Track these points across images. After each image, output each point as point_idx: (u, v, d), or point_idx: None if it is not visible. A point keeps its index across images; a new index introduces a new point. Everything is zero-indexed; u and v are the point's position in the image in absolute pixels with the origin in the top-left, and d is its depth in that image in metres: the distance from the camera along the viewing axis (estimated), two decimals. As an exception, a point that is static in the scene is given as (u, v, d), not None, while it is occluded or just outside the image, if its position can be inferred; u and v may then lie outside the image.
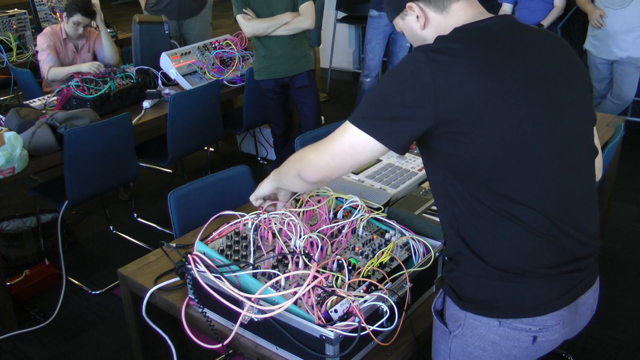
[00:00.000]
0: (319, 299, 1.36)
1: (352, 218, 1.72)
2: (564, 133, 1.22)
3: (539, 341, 1.25)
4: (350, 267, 1.51)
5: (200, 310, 1.51)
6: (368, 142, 1.20)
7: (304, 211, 1.76)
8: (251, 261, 1.53)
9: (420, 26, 1.30)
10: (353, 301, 1.34)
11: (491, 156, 1.15)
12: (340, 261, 1.51)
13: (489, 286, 1.23)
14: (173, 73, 3.57)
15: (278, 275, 1.42)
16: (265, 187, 1.59)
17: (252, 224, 1.69)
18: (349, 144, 1.23)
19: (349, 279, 1.44)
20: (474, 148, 1.15)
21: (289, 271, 1.47)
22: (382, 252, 1.55)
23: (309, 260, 1.48)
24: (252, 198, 1.65)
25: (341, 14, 5.89)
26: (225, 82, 3.67)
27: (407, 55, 1.21)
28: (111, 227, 3.59)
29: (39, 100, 3.23)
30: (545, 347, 1.28)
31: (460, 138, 1.15)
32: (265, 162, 4.44)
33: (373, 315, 1.36)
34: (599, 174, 1.49)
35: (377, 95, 1.21)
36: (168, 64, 3.57)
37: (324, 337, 1.27)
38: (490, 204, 1.19)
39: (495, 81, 1.14)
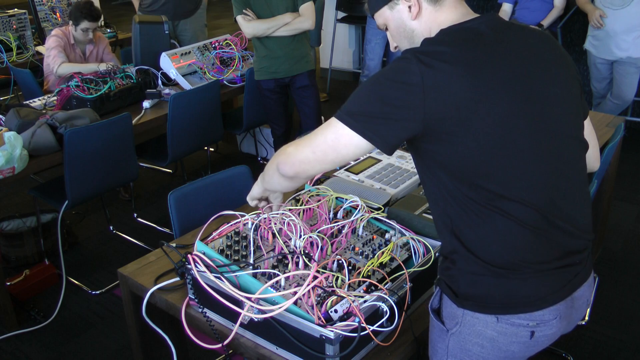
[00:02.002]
0: (319, 299, 1.36)
1: (352, 218, 1.72)
2: (549, 127, 1.23)
3: (537, 336, 1.26)
4: (350, 267, 1.51)
5: (200, 310, 1.51)
6: (352, 138, 1.20)
7: (304, 211, 1.76)
8: (251, 261, 1.53)
9: (412, 16, 1.29)
10: (353, 301, 1.34)
11: (479, 153, 1.17)
12: (340, 261, 1.51)
13: (485, 283, 1.24)
14: (173, 73, 3.57)
15: (278, 275, 1.42)
16: (254, 189, 1.60)
17: (252, 224, 1.69)
18: (333, 138, 1.22)
19: (349, 279, 1.44)
20: (462, 146, 1.17)
21: (289, 271, 1.47)
22: (382, 252, 1.55)
23: (309, 260, 1.48)
24: (248, 198, 1.66)
25: (341, 14, 5.89)
26: (225, 82, 3.67)
27: (398, 57, 1.21)
28: (111, 227, 3.59)
29: (39, 100, 3.23)
30: (543, 341, 1.28)
31: (448, 137, 1.17)
32: (265, 162, 4.42)
33: (373, 315, 1.36)
34: (596, 164, 1.50)
35: (365, 92, 1.21)
36: (168, 64, 3.57)
37: (324, 337, 1.27)
38: (481, 200, 1.20)
39: (480, 80, 1.16)
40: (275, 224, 1.64)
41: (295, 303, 1.33)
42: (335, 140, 1.22)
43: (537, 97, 1.22)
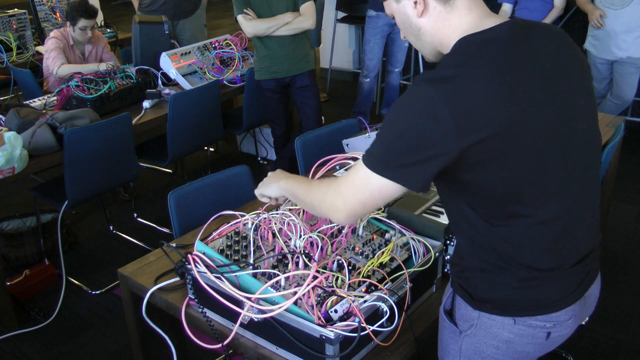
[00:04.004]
0: (319, 299, 1.36)
1: (352, 218, 1.71)
2: (578, 142, 1.22)
3: (552, 337, 1.27)
4: (350, 267, 1.51)
5: (200, 310, 1.51)
6: (396, 187, 1.16)
7: (304, 211, 1.76)
8: (251, 261, 1.53)
9: (418, 13, 1.21)
10: (353, 301, 1.34)
11: (512, 181, 1.14)
12: (340, 261, 1.51)
13: (505, 288, 1.24)
14: (173, 73, 3.57)
15: (278, 275, 1.42)
16: (272, 191, 1.60)
17: (252, 224, 1.69)
18: (378, 191, 1.19)
19: (349, 279, 1.44)
20: (495, 175, 1.13)
21: (289, 271, 1.47)
22: (382, 252, 1.55)
23: (309, 260, 1.49)
24: (257, 193, 1.66)
25: (341, 14, 5.89)
26: (225, 82, 3.67)
27: (415, 90, 1.12)
28: (111, 227, 3.59)
29: (39, 100, 3.23)
30: (557, 341, 1.30)
31: (482, 166, 1.12)
32: (265, 162, 4.44)
33: (373, 315, 1.36)
34: None
35: (394, 138, 1.15)
36: (168, 64, 3.57)
37: (324, 337, 1.27)
38: (507, 223, 1.19)
39: (513, 105, 1.10)
40: (275, 224, 1.64)
41: (295, 303, 1.33)
42: (381, 193, 1.19)
43: (567, 113, 1.18)
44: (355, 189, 1.23)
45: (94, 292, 3.01)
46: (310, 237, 1.57)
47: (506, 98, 1.09)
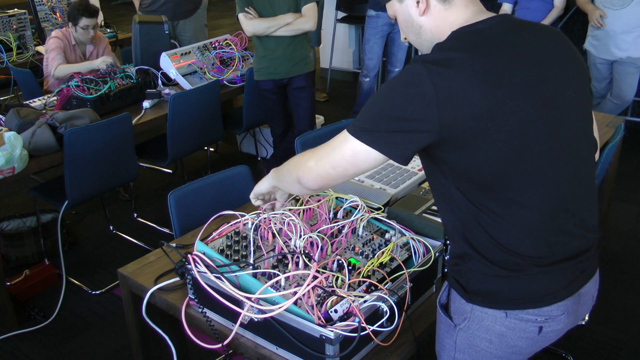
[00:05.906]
0: (319, 299, 1.36)
1: (352, 218, 1.72)
2: (565, 131, 1.23)
3: (545, 331, 1.27)
4: (350, 267, 1.51)
5: (200, 310, 1.51)
6: (370, 153, 1.21)
7: (304, 211, 1.76)
8: (251, 261, 1.53)
9: (420, 12, 1.28)
10: (353, 301, 1.34)
11: (496, 162, 1.17)
12: (340, 261, 1.51)
13: (495, 280, 1.25)
14: (173, 73, 3.57)
15: (278, 275, 1.42)
16: (263, 185, 1.60)
17: (252, 224, 1.69)
18: (351, 154, 1.24)
19: (349, 279, 1.44)
20: (479, 156, 1.16)
21: (289, 271, 1.47)
22: (382, 252, 1.55)
23: (309, 260, 1.49)
24: (251, 196, 1.66)
25: (341, 14, 5.89)
26: (225, 82, 3.67)
27: (407, 67, 1.19)
28: (111, 227, 3.59)
29: (39, 100, 3.23)
30: (550, 337, 1.30)
31: (465, 147, 1.16)
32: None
33: (373, 315, 1.36)
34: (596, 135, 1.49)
35: (377, 107, 1.21)
36: (168, 64, 3.57)
37: (324, 337, 1.27)
38: (494, 208, 1.21)
39: (496, 88, 1.14)
40: (275, 224, 1.64)
41: (295, 303, 1.33)
42: (353, 157, 1.24)
43: (554, 101, 1.21)
44: (330, 149, 1.28)
45: (94, 292, 3.01)
46: (310, 237, 1.57)
47: (490, 81, 1.14)
